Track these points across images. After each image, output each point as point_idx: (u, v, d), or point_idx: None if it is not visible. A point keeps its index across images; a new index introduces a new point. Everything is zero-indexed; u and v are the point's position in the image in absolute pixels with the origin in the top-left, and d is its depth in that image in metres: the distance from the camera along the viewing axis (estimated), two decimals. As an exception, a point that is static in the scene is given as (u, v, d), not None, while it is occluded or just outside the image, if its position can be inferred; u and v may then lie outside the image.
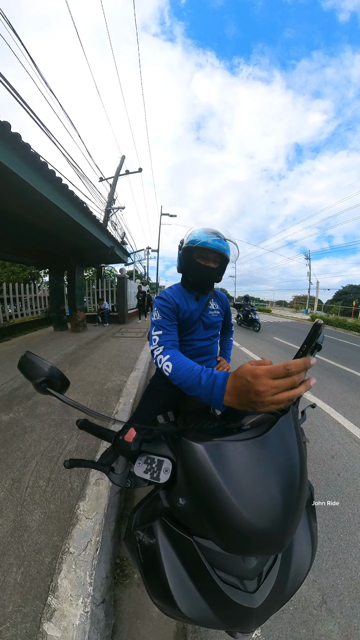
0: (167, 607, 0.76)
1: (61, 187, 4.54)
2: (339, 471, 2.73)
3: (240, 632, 0.80)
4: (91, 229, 6.49)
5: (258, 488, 0.67)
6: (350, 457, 2.98)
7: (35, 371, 0.85)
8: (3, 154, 3.04)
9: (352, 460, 2.94)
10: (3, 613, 1.27)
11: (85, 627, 1.20)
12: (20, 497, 1.92)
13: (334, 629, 1.46)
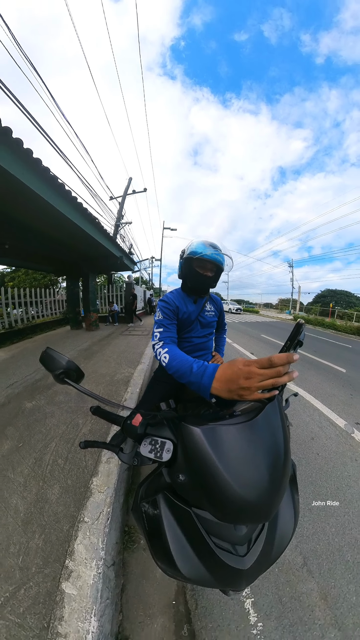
0: (169, 569, 0.77)
1: (76, 205, 4.53)
2: (318, 451, 2.74)
3: (232, 590, 0.80)
4: (102, 241, 6.48)
5: (248, 465, 0.68)
6: (328, 439, 2.99)
7: (55, 364, 0.85)
8: (26, 176, 3.04)
9: (329, 441, 2.95)
10: (27, 573, 1.28)
11: (98, 586, 1.20)
12: (41, 473, 1.93)
13: (313, 587, 1.47)
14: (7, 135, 2.54)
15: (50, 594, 1.18)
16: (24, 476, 1.90)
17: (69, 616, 1.10)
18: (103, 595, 1.19)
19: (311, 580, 1.50)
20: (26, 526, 1.51)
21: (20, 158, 2.87)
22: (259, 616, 1.33)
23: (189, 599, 1.39)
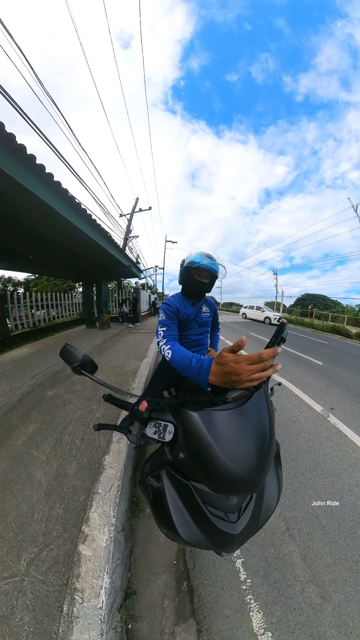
0: (171, 533, 0.77)
1: (91, 221, 4.53)
2: (298, 432, 2.74)
3: (225, 552, 0.80)
4: (113, 252, 6.48)
5: (238, 445, 0.68)
6: (307, 422, 2.99)
7: (72, 358, 0.85)
8: (49, 197, 3.04)
9: (307, 424, 2.95)
10: (49, 537, 1.27)
11: (110, 548, 1.20)
12: (61, 452, 1.92)
13: (294, 549, 1.47)
14: (31, 161, 2.54)
15: (68, 555, 1.18)
16: (46, 454, 1.90)
17: (85, 574, 1.10)
18: (114, 556, 1.19)
19: (292, 543, 1.50)
20: (48, 497, 1.51)
21: (43, 180, 2.87)
22: (248, 574, 1.34)
23: (188, 559, 1.40)
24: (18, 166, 2.39)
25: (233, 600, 1.22)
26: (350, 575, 1.34)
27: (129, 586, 1.27)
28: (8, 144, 2.13)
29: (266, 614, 1.17)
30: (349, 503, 1.81)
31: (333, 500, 1.82)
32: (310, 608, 1.19)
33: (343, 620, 1.16)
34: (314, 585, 1.28)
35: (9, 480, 1.64)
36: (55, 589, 1.06)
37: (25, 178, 2.55)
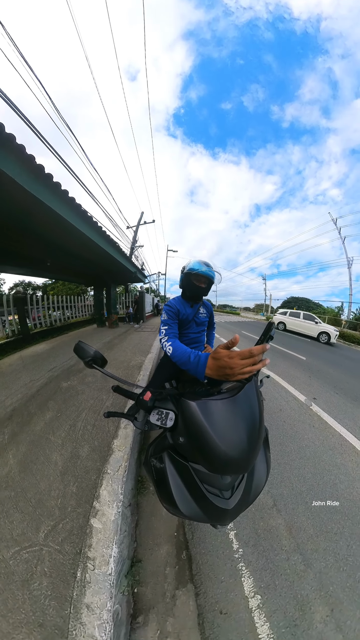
0: (172, 508, 0.77)
1: (102, 233, 4.53)
2: (284, 419, 2.74)
3: (219, 525, 0.81)
4: (121, 260, 6.47)
5: (231, 430, 0.68)
6: (291, 410, 2.99)
7: (85, 353, 0.85)
8: (64, 211, 3.04)
9: (292, 411, 2.95)
10: (64, 512, 1.28)
11: (118, 521, 1.20)
12: (75, 436, 1.93)
13: (281, 522, 1.47)
14: (49, 179, 2.54)
15: (81, 528, 1.19)
16: (61, 438, 1.90)
17: (96, 544, 1.10)
18: (122, 528, 1.20)
19: (279, 517, 1.50)
20: (63, 476, 1.51)
21: (58, 196, 2.87)
22: (240, 544, 1.34)
23: (187, 531, 1.40)
24: (37, 184, 2.39)
25: (227, 567, 1.22)
26: (330, 545, 1.34)
27: (135, 555, 1.26)
28: (28, 164, 2.13)
29: (256, 580, 1.17)
30: (329, 482, 1.81)
31: (315, 480, 1.82)
32: (295, 574, 1.20)
33: (324, 584, 1.16)
34: (298, 554, 1.29)
35: (29, 462, 1.64)
36: (70, 557, 1.07)
37: (44, 194, 2.54)
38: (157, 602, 1.08)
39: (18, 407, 2.39)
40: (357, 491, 1.74)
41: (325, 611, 1.06)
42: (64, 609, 0.91)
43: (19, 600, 0.94)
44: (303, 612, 1.06)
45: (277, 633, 0.99)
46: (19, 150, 1.95)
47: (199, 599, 1.10)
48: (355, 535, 1.40)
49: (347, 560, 1.27)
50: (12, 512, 1.28)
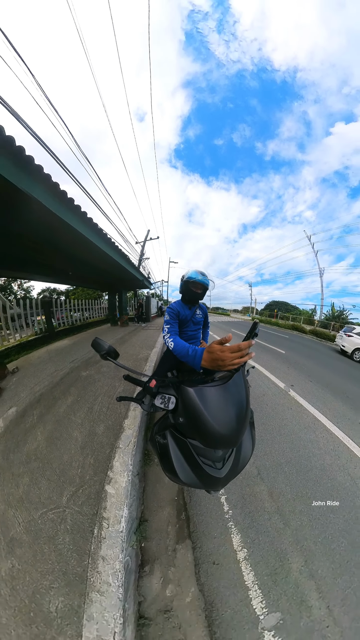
0: (173, 477, 0.77)
1: (115, 247, 4.52)
2: (267, 403, 2.73)
3: (213, 491, 0.80)
4: (131, 270, 6.46)
5: (222, 411, 0.68)
6: (273, 395, 2.99)
7: (100, 348, 0.84)
8: (84, 229, 3.04)
9: (274, 396, 2.94)
10: (83, 480, 1.27)
11: (128, 488, 1.20)
12: (92, 417, 1.92)
13: (264, 488, 1.47)
14: (71, 203, 2.54)
15: (98, 493, 1.19)
16: (81, 418, 1.89)
17: (110, 506, 1.10)
18: (131, 493, 1.19)
19: (262, 483, 1.50)
20: (83, 450, 1.51)
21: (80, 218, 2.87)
22: (229, 506, 1.34)
23: (186, 496, 1.39)
24: (61, 207, 2.39)
25: (219, 526, 1.22)
26: (304, 507, 1.34)
27: (142, 515, 1.26)
28: (53, 190, 2.13)
29: (243, 536, 1.17)
30: (304, 454, 1.81)
31: (292, 453, 1.82)
32: (275, 531, 1.20)
33: (298, 539, 1.16)
34: (278, 515, 1.29)
35: (54, 438, 1.64)
36: (88, 517, 1.07)
37: (66, 215, 2.54)
38: (160, 554, 1.08)
39: (45, 393, 2.39)
40: (327, 462, 1.75)
41: (300, 562, 1.07)
42: (84, 560, 0.91)
43: (46, 552, 0.94)
44: (282, 562, 1.06)
45: (260, 580, 1.00)
46: (46, 179, 1.95)
47: (196, 552, 1.10)
48: (325, 497, 1.40)
49: (319, 519, 1.28)
50: (40, 479, 1.28)
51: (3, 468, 1.38)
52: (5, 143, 1.42)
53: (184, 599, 0.93)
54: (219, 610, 0.90)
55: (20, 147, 1.53)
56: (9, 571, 0.89)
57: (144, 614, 0.88)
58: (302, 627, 0.86)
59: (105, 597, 0.80)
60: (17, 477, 1.31)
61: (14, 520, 1.07)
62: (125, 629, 0.75)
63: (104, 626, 0.74)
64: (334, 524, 1.25)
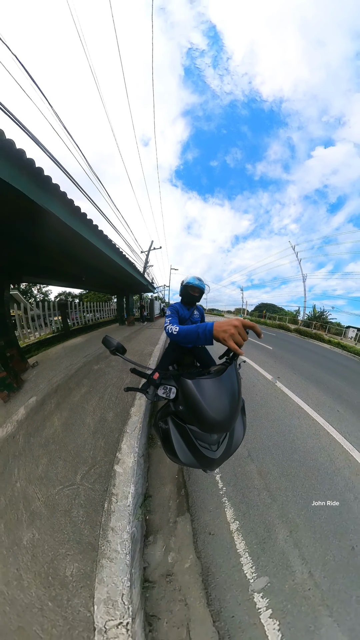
0: (174, 458, 0.76)
1: (122, 256, 4.51)
2: (256, 393, 2.72)
3: (209, 470, 0.80)
4: (137, 276, 6.44)
5: (217, 400, 0.67)
6: (262, 386, 2.97)
7: (110, 344, 0.84)
8: (96, 241, 3.04)
9: (263, 387, 2.93)
10: (95, 460, 1.27)
11: (134, 467, 1.20)
12: (103, 405, 1.91)
13: (254, 468, 1.46)
14: (84, 217, 2.54)
15: (108, 472, 1.19)
16: (93, 406, 1.88)
17: (118, 484, 1.10)
18: (137, 472, 1.19)
19: (252, 464, 1.50)
20: (94, 434, 1.51)
21: (91, 230, 2.87)
22: (223, 484, 1.33)
23: (185, 475, 1.39)
24: (75, 220, 2.38)
25: (214, 501, 1.22)
26: (290, 484, 1.34)
27: (147, 492, 1.25)
28: (69, 206, 2.13)
29: (235, 510, 1.17)
30: (289, 438, 1.81)
31: (279, 437, 1.82)
32: (264, 506, 1.20)
33: (284, 512, 1.16)
34: (266, 491, 1.28)
35: (70, 424, 1.64)
36: (99, 493, 1.07)
37: (79, 227, 2.53)
38: (163, 526, 1.08)
39: (61, 384, 2.38)
40: (309, 444, 1.74)
41: (286, 532, 1.06)
42: (95, 531, 0.91)
43: (62, 524, 0.94)
44: (269, 533, 1.06)
45: (250, 548, 0.99)
46: (62, 196, 1.95)
47: (194, 524, 1.10)
48: (308, 477, 1.40)
49: (302, 495, 1.27)
50: (57, 460, 1.28)
51: (25, 450, 1.38)
52: (26, 164, 1.42)
53: (184, 564, 0.93)
54: (214, 575, 0.90)
55: (40, 168, 1.53)
56: (30, 541, 0.89)
57: (148, 578, 0.88)
58: (287, 590, 0.86)
59: (114, 563, 0.80)
60: (37, 458, 1.30)
61: (34, 496, 1.07)
62: (132, 591, 0.75)
63: (113, 588, 0.74)
64: (315, 499, 1.25)
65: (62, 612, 0.71)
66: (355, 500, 1.27)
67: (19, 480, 1.16)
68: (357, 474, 1.47)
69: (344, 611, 0.81)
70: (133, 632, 0.65)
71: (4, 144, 1.25)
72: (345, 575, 0.90)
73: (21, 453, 1.35)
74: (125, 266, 4.87)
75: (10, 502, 1.05)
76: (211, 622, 0.77)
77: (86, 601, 0.72)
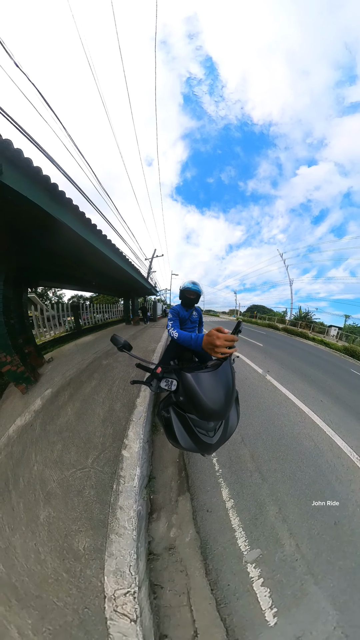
0: (175, 443, 0.76)
1: (129, 263, 4.50)
2: (248, 385, 2.71)
3: (206, 454, 0.79)
4: (141, 281, 6.42)
5: (213, 392, 0.67)
6: (253, 379, 2.96)
7: (117, 341, 0.83)
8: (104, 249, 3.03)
9: (254, 380, 2.92)
10: (105, 446, 1.26)
11: (140, 452, 1.19)
12: (112, 396, 1.90)
13: (246, 452, 1.46)
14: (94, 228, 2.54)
15: (116, 456, 1.18)
16: (102, 398, 1.87)
17: (125, 467, 1.10)
18: (142, 457, 1.19)
19: (245, 448, 1.49)
20: (104, 423, 1.50)
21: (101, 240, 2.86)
22: (219, 466, 1.33)
23: (185, 458, 1.38)
24: (86, 231, 2.37)
25: (211, 481, 1.22)
26: (279, 466, 1.34)
27: (151, 474, 1.25)
28: (81, 218, 2.13)
29: (230, 490, 1.16)
30: (278, 425, 1.80)
31: (268, 424, 1.81)
32: (256, 486, 1.19)
33: (274, 492, 1.16)
34: (257, 473, 1.28)
35: (81, 413, 1.63)
36: (108, 475, 1.06)
37: (90, 237, 2.52)
38: (165, 504, 1.08)
39: (74, 377, 2.37)
40: (296, 430, 1.74)
41: (275, 509, 1.06)
42: (105, 509, 0.91)
43: (76, 503, 0.94)
44: (260, 510, 1.06)
45: (244, 523, 0.99)
46: (74, 209, 1.95)
47: (193, 502, 1.09)
48: (295, 459, 1.40)
49: (291, 476, 1.27)
50: (71, 446, 1.28)
51: (41, 437, 1.37)
52: (42, 181, 1.42)
53: (184, 539, 0.92)
54: (212, 548, 0.90)
55: (55, 184, 1.53)
56: (46, 518, 0.88)
57: (152, 551, 0.88)
58: (276, 561, 0.86)
59: (122, 538, 0.80)
60: (52, 444, 1.30)
61: (50, 478, 1.06)
62: (138, 562, 0.75)
63: (122, 560, 0.74)
64: (301, 479, 1.25)
65: (76, 582, 0.70)
66: (337, 480, 1.26)
67: (36, 464, 1.16)
68: (338, 457, 1.47)
69: (328, 579, 0.81)
70: (139, 600, 0.65)
71: (23, 162, 1.24)
72: (328, 547, 0.90)
73: (38, 440, 1.35)
74: (131, 272, 4.85)
75: (28, 483, 1.04)
76: (209, 590, 0.77)
77: (97, 572, 0.72)
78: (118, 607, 0.62)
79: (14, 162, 1.19)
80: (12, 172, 1.19)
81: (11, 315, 2.30)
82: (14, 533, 0.84)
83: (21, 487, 1.02)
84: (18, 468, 1.15)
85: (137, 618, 0.61)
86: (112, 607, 0.63)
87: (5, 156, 1.14)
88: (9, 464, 1.18)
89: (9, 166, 1.17)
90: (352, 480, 1.27)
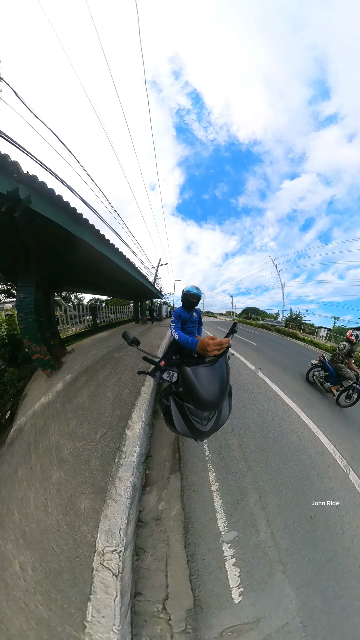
0: (172, 428, 0.76)
1: (138, 271, 4.59)
2: (241, 380, 2.63)
3: (199, 440, 0.79)
4: (149, 286, 6.47)
5: (209, 384, 0.67)
6: (247, 375, 2.87)
7: (128, 337, 0.84)
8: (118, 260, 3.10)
9: (247, 376, 2.83)
10: (111, 425, 1.28)
11: (141, 432, 1.20)
12: (121, 383, 1.92)
13: (235, 441, 1.42)
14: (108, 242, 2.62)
15: (120, 435, 1.19)
16: (113, 384, 1.90)
17: (128, 443, 1.11)
18: (143, 437, 1.20)
19: (234, 438, 1.45)
20: (112, 405, 1.52)
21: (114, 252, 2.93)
22: (209, 452, 1.31)
23: (180, 442, 1.37)
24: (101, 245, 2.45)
25: (200, 464, 1.20)
26: (264, 457, 1.29)
27: (148, 452, 1.26)
28: (96, 235, 2.23)
29: (217, 474, 1.14)
30: (267, 418, 1.74)
31: (258, 417, 1.75)
32: (241, 473, 1.16)
33: (257, 480, 1.12)
34: (243, 461, 1.25)
35: (94, 397, 1.67)
36: (112, 450, 1.08)
37: (105, 250, 2.59)
38: (158, 480, 1.08)
39: (90, 366, 2.44)
40: (284, 425, 1.67)
41: (256, 497, 1.03)
42: (106, 477, 0.93)
43: (82, 470, 0.97)
44: (242, 495, 1.03)
45: (225, 505, 0.97)
46: (91, 227, 2.05)
47: (183, 481, 1.08)
48: (279, 453, 1.34)
49: (274, 467, 1.22)
50: (83, 422, 1.32)
51: (60, 413, 1.44)
52: (64, 205, 1.54)
53: (170, 512, 0.92)
54: (194, 524, 0.88)
55: (74, 208, 1.64)
56: (57, 479, 0.93)
57: (141, 519, 0.88)
58: (250, 545, 0.83)
59: (117, 504, 0.82)
60: (69, 419, 1.35)
61: (64, 447, 1.12)
62: (128, 527, 0.76)
63: (114, 523, 0.75)
64: (283, 472, 1.19)
65: (73, 535, 0.73)
66: (318, 476, 1.19)
67: (54, 435, 1.22)
68: (322, 454, 1.39)
69: (296, 570, 0.76)
70: (123, 559, 0.66)
71: (47, 192, 1.35)
72: (301, 540, 0.85)
73: (57, 415, 1.41)
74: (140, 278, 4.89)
75: (46, 449, 1.10)
76: (185, 561, 0.76)
77: (92, 530, 0.74)
78: (104, 562, 0.64)
79: (40, 193, 1.31)
80: (38, 200, 1.31)
81: (41, 314, 2.43)
82: (30, 487, 0.90)
83: (40, 452, 1.09)
84: (39, 436, 1.22)
85: (119, 574, 0.61)
86: (99, 560, 0.64)
87: (33, 188, 1.26)
88: (32, 433, 1.26)
89: (36, 196, 1.28)
90: (332, 477, 1.19)
